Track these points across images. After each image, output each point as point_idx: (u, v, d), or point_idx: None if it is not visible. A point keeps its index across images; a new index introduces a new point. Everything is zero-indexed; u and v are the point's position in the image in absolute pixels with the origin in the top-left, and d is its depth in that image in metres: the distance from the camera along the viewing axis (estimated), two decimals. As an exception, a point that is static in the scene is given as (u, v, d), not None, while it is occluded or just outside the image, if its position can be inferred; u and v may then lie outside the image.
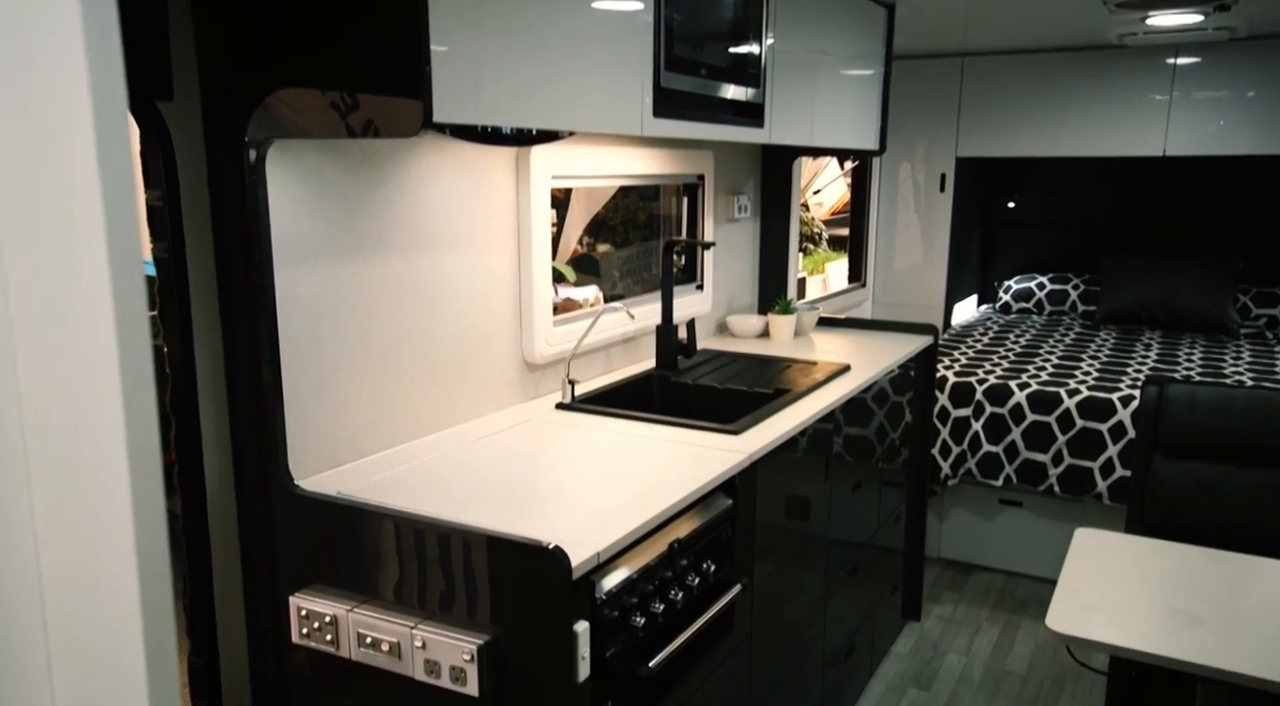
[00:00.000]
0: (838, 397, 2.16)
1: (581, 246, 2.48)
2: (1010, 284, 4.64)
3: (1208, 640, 1.54)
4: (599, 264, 2.52)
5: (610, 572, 1.35)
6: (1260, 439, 2.31)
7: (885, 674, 2.78)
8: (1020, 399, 3.15)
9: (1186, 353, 3.63)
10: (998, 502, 3.38)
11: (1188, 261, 4.16)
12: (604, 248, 2.58)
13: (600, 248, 2.54)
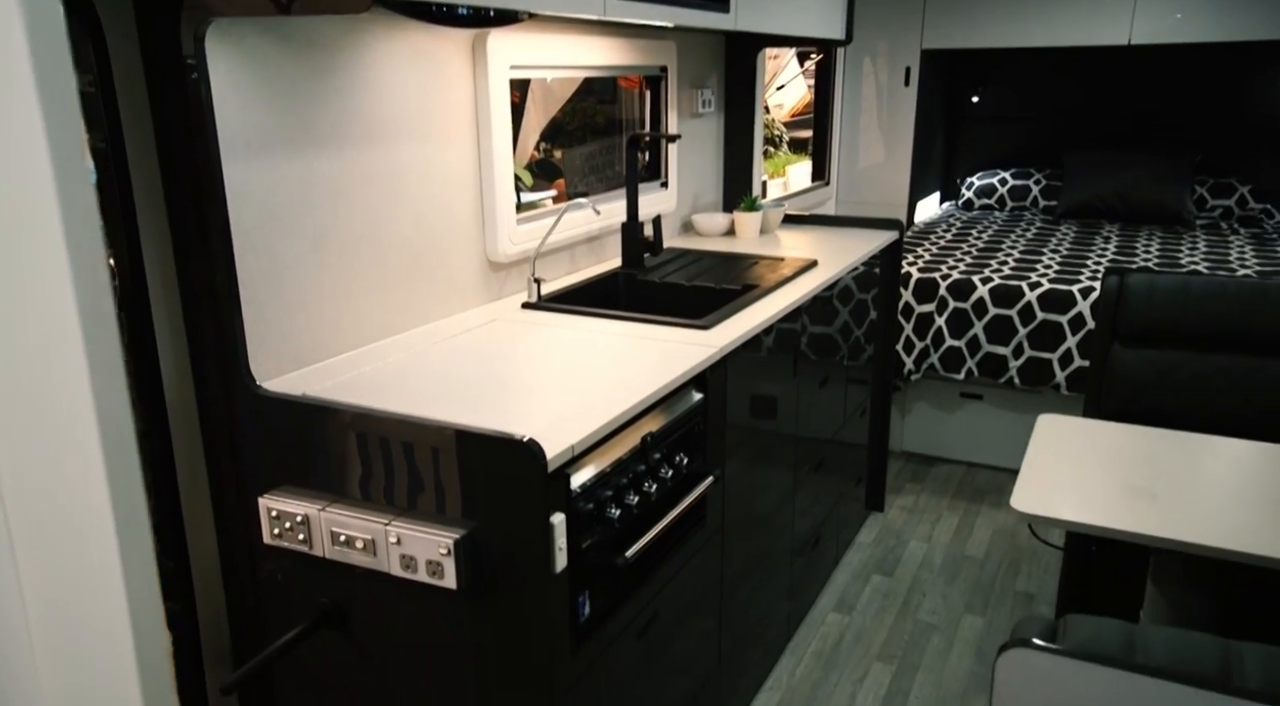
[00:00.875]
0: (806, 292, 2.14)
1: (539, 152, 2.40)
2: (973, 180, 4.63)
3: (1162, 514, 1.58)
4: (560, 169, 2.45)
5: (584, 466, 1.34)
6: (1214, 325, 2.35)
7: (850, 562, 2.86)
8: (983, 293, 3.17)
9: (1144, 245, 3.67)
10: (959, 396, 3.44)
11: (1146, 154, 4.16)
12: (561, 152, 2.51)
13: (558, 153, 2.46)
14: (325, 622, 1.41)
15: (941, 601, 2.65)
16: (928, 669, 2.36)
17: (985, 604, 2.63)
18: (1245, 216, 4.11)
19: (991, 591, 2.70)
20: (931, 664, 2.37)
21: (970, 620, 2.56)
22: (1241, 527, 1.51)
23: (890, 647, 2.44)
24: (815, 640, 2.48)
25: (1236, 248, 3.59)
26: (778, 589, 2.28)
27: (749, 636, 2.13)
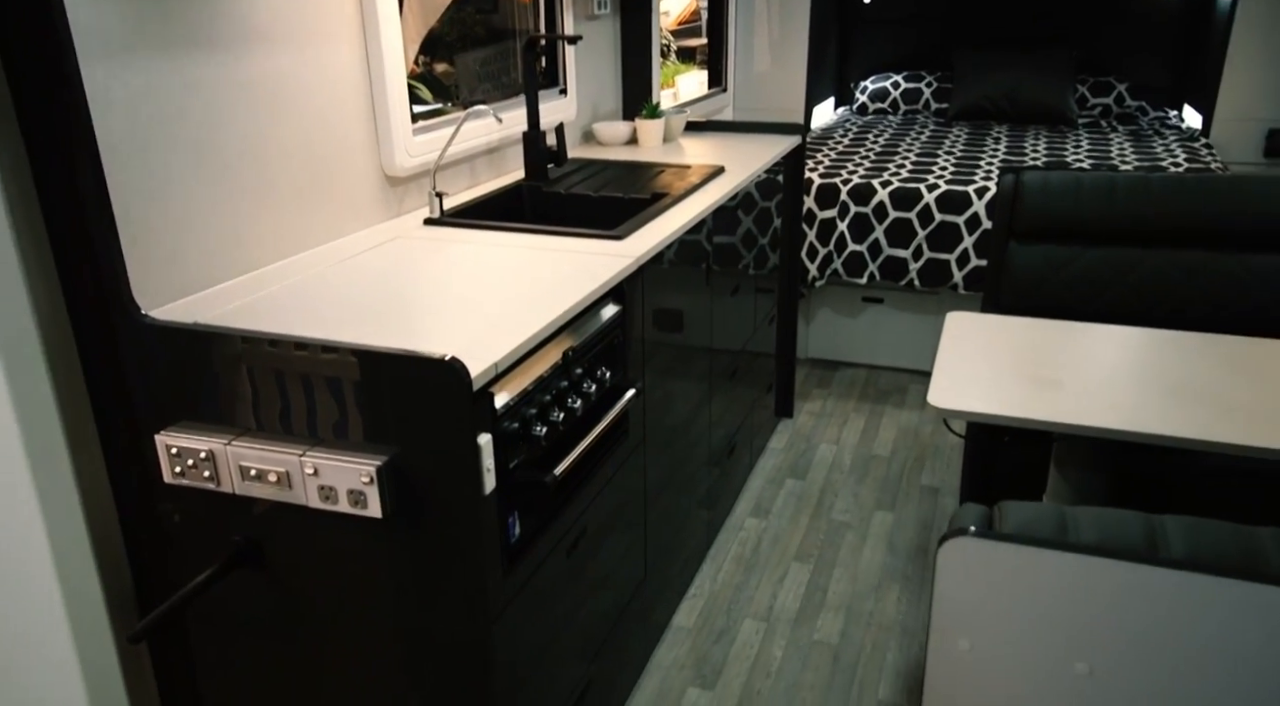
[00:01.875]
0: (716, 199, 2.10)
1: (418, 66, 2.24)
2: (866, 84, 4.64)
3: (1066, 401, 1.63)
4: (443, 84, 2.30)
5: (508, 384, 1.29)
6: (1104, 218, 2.43)
7: (764, 468, 2.91)
8: (883, 197, 3.20)
9: (1032, 144, 3.76)
10: (861, 300, 3.50)
11: (1031, 55, 4.24)
12: (442, 67, 2.35)
13: (438, 66, 2.31)
14: (239, 562, 1.33)
15: (853, 500, 2.73)
16: (843, 564, 2.43)
17: (894, 500, 2.73)
18: (1123, 114, 4.26)
19: (899, 487, 2.79)
20: (846, 560, 2.45)
21: (881, 516, 2.65)
22: (1138, 409, 1.58)
23: (807, 547, 2.51)
24: (734, 545, 2.53)
25: (1116, 144, 3.72)
26: (696, 498, 2.30)
27: (671, 546, 2.14)
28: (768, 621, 2.23)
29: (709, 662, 2.10)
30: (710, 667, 2.08)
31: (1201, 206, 2.35)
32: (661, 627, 2.18)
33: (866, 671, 2.06)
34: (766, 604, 2.29)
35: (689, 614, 2.26)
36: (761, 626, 2.21)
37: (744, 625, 2.21)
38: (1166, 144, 3.71)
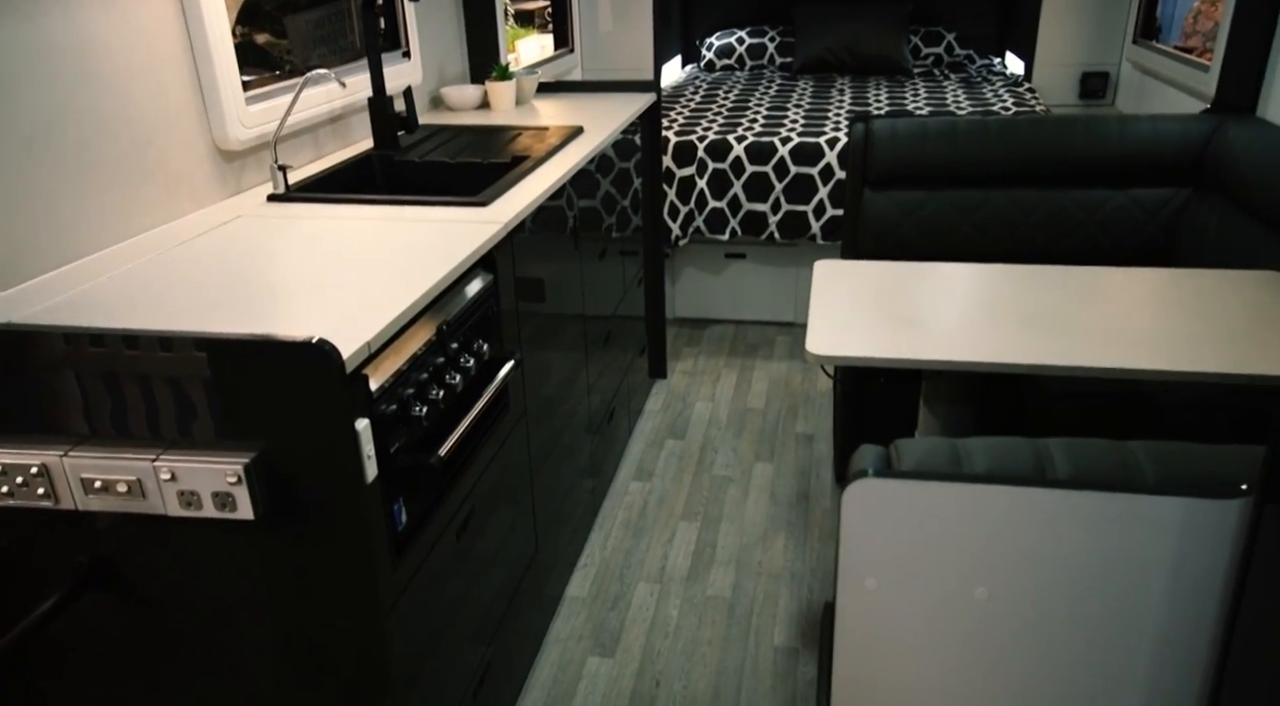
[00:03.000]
0: (580, 159, 2.05)
1: (237, 36, 2.06)
2: (711, 41, 4.65)
3: (932, 339, 1.68)
4: (269, 54, 2.12)
5: (382, 364, 1.20)
6: (949, 162, 2.52)
7: (643, 430, 2.90)
8: (739, 152, 3.21)
9: (874, 94, 3.87)
10: (724, 257, 3.52)
11: (867, 7, 4.35)
12: (264, 37, 2.17)
13: (260, 37, 2.13)
14: (88, 585, 1.20)
15: (733, 454, 2.76)
16: (729, 519, 2.46)
17: (772, 450, 2.78)
18: (953, 63, 4.44)
19: (776, 438, 2.85)
20: (732, 514, 2.48)
21: (761, 467, 2.69)
22: (996, 340, 1.64)
23: (692, 505, 2.52)
24: (621, 510, 2.51)
25: (951, 92, 3.87)
26: (579, 467, 2.26)
27: (559, 518, 2.10)
28: (661, 582, 2.23)
29: (606, 630, 2.08)
30: (608, 635, 2.06)
31: (1033, 147, 2.47)
32: (556, 600, 2.14)
33: (761, 620, 2.09)
34: (658, 565, 2.29)
35: (582, 583, 2.23)
36: (655, 588, 2.21)
37: (638, 589, 2.21)
38: (995, 89, 3.90)
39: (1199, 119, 2.39)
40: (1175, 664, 1.08)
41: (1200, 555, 0.99)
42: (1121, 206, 2.45)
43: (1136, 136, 2.38)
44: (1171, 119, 2.40)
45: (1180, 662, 1.08)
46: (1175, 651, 1.06)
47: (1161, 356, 1.49)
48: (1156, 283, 1.84)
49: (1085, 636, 1.08)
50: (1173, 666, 1.08)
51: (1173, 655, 1.06)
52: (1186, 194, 2.39)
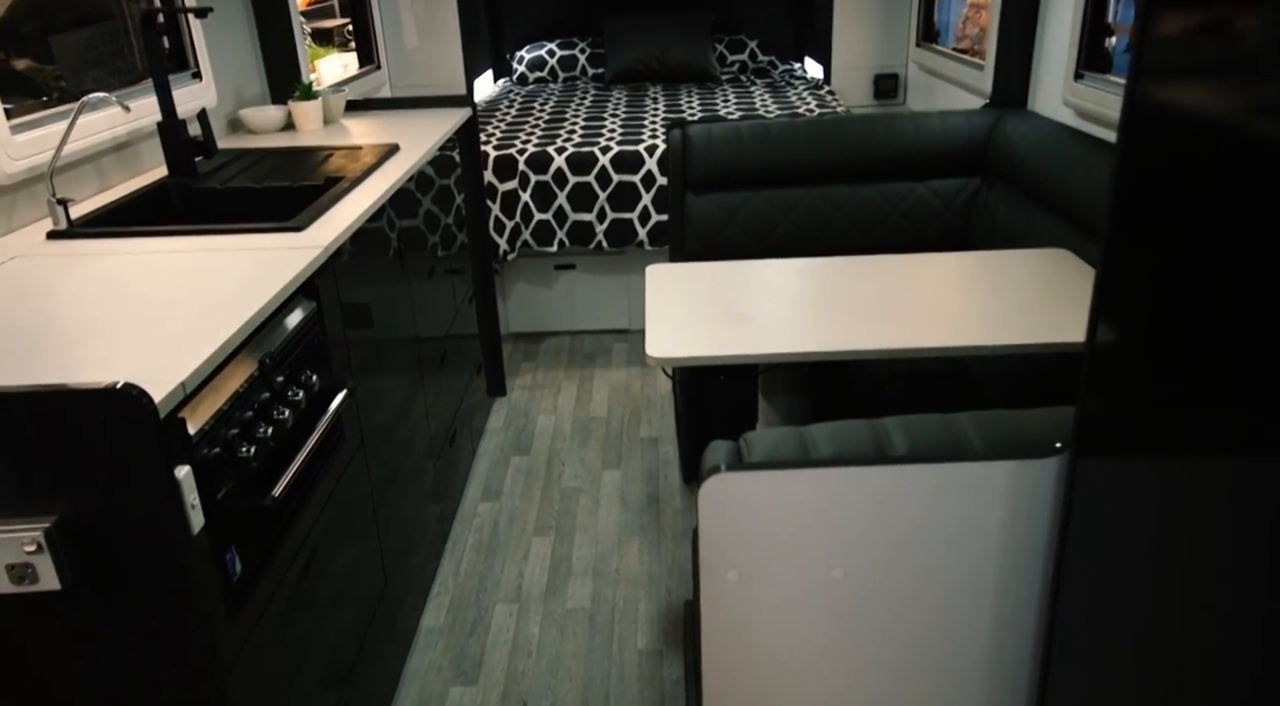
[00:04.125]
0: (398, 178, 1.98)
1: None
2: (522, 54, 4.64)
3: (765, 333, 1.74)
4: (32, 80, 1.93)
5: (200, 406, 1.11)
6: (764, 163, 2.62)
7: (487, 449, 2.85)
8: (560, 163, 3.22)
9: (687, 101, 3.97)
10: (554, 269, 3.52)
11: (673, 17, 4.47)
12: (24, 62, 1.98)
13: (18, 63, 1.93)
14: None
15: (580, 465, 2.75)
16: (582, 530, 2.45)
17: (619, 457, 2.79)
18: (757, 69, 4.63)
19: (621, 444, 2.86)
20: (585, 524, 2.47)
21: (609, 475, 2.70)
22: (824, 331, 1.72)
23: (544, 520, 2.49)
24: (471, 533, 2.45)
25: (758, 96, 4.03)
26: (424, 493, 2.19)
27: (407, 548, 2.03)
28: (519, 601, 2.18)
29: (467, 657, 2.02)
30: (469, 662, 2.00)
31: (839, 145, 2.60)
32: (411, 633, 2.06)
33: (623, 627, 2.09)
34: (514, 585, 2.24)
35: (437, 613, 2.16)
36: (514, 608, 2.16)
37: (496, 611, 2.16)
38: (798, 92, 4.09)
39: (980, 113, 2.59)
40: (1013, 616, 1.16)
41: (1027, 511, 1.07)
42: (921, 197, 2.62)
43: (929, 132, 2.55)
44: (957, 114, 2.59)
45: (1017, 614, 1.16)
46: (1012, 604, 1.14)
47: (970, 333, 1.60)
48: (958, 265, 1.98)
49: (934, 601, 1.14)
50: (1011, 618, 1.15)
51: (1011, 608, 1.14)
52: (976, 182, 2.59)
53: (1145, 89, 0.84)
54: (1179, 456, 0.80)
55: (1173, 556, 0.81)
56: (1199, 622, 0.77)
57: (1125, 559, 0.89)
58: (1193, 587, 0.78)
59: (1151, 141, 0.84)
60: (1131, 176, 0.87)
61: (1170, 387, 0.81)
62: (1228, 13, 0.75)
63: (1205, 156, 0.77)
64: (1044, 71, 2.53)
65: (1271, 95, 0.66)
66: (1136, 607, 0.88)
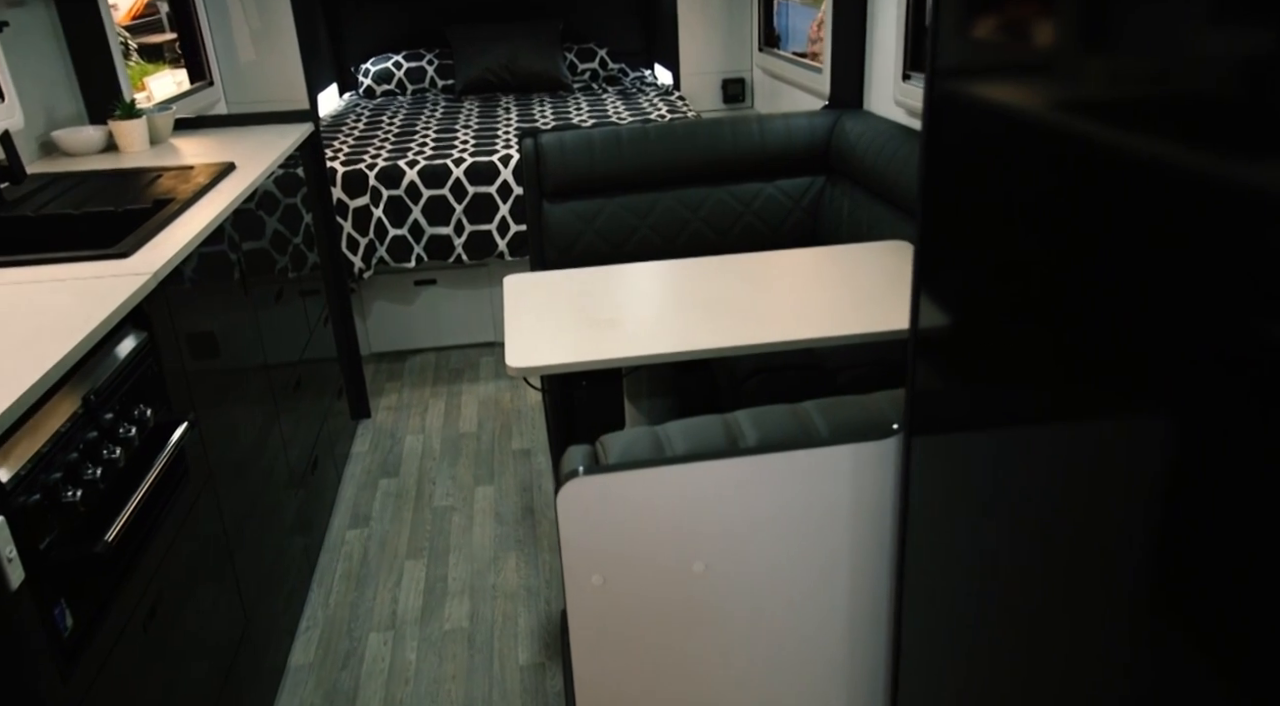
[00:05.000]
0: (235, 198, 1.89)
1: None
2: (368, 67, 4.52)
3: (626, 337, 1.75)
4: None
5: (15, 449, 1.03)
6: (618, 169, 2.64)
7: (353, 475, 2.76)
8: (413, 177, 3.15)
9: (540, 110, 3.96)
10: (413, 285, 3.44)
11: (519, 26, 4.45)
12: None
13: None
14: None
15: (451, 483, 2.70)
16: (457, 548, 2.40)
17: (491, 472, 2.75)
18: (608, 76, 4.66)
19: (493, 458, 2.82)
20: (459, 543, 2.42)
21: (482, 490, 2.65)
22: (684, 330, 1.74)
23: (417, 542, 2.43)
24: (340, 562, 2.36)
25: (610, 103, 4.06)
26: (287, 525, 2.10)
27: (270, 584, 1.93)
28: (394, 628, 2.12)
29: (340, 692, 1.94)
30: (343, 696, 1.93)
31: (690, 149, 2.65)
32: (279, 672, 1.97)
33: (503, 643, 2.06)
34: (388, 611, 2.17)
35: (306, 649, 2.07)
36: (388, 636, 2.10)
37: (369, 640, 2.08)
38: (649, 99, 4.14)
39: (820, 115, 2.69)
40: (868, 590, 1.20)
41: (872, 490, 1.11)
42: (771, 196, 2.70)
43: (774, 134, 2.63)
44: (799, 116, 2.68)
45: (871, 588, 1.20)
46: (866, 579, 1.18)
47: (822, 325, 1.66)
48: (808, 261, 2.05)
49: (793, 584, 1.17)
50: (867, 593, 1.20)
51: (866, 583, 1.18)
52: (821, 181, 2.68)
53: (940, 87, 0.89)
54: (986, 431, 0.85)
55: (993, 524, 0.86)
56: (1021, 586, 0.81)
57: (955, 529, 0.94)
58: (1012, 552, 0.83)
59: (952, 137, 0.89)
60: (936, 170, 0.92)
61: (978, 366, 0.85)
62: (1005, 18, 0.80)
63: (996, 148, 0.82)
64: (876, 73, 2.65)
65: (1050, 91, 0.71)
66: (969, 575, 0.93)
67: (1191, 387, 0.56)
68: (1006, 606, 0.83)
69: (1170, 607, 0.59)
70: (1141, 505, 0.61)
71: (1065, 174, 0.70)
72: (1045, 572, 0.75)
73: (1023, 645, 0.80)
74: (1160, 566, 0.60)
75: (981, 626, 0.89)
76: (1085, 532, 0.69)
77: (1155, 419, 0.59)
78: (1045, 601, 0.75)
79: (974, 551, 0.89)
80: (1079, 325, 0.68)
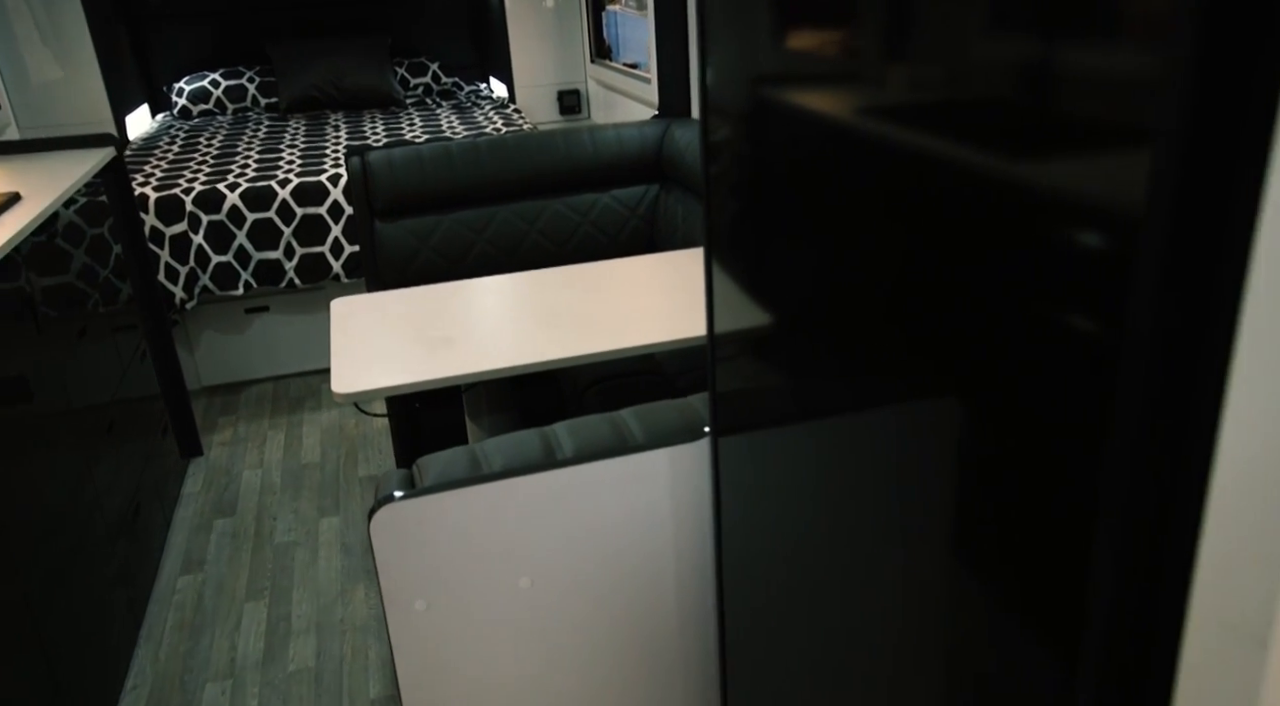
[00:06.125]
0: (18, 231, 1.74)
1: None
2: (182, 86, 4.28)
3: (462, 354, 1.72)
4: None
5: None
6: (451, 184, 2.60)
7: (185, 517, 2.59)
8: (235, 201, 3.00)
9: (371, 127, 3.86)
10: (244, 313, 3.27)
11: (346, 42, 4.33)
12: None
13: None
14: None
15: (294, 517, 2.58)
16: (301, 585, 2.29)
17: (336, 502, 2.64)
18: (442, 91, 4.59)
19: (339, 488, 2.71)
20: (303, 579, 2.31)
21: (327, 522, 2.55)
22: (523, 344, 1.73)
23: (257, 583, 2.31)
24: (171, 612, 2.21)
25: (445, 118, 4.00)
26: (108, 579, 1.95)
27: (87, 644, 1.79)
28: (233, 676, 2.00)
29: (178, 752, 1.82)
30: (181, 757, 1.81)
31: (524, 161, 2.64)
32: (106, 741, 1.82)
33: (353, 679, 1.98)
34: (226, 659, 2.05)
35: (137, 710, 1.92)
36: (227, 684, 1.98)
37: (206, 692, 1.96)
38: (485, 112, 4.11)
39: (651, 124, 2.73)
40: (694, 589, 1.22)
41: (689, 492, 1.12)
42: (608, 206, 2.72)
43: (606, 144, 2.65)
44: (631, 126, 2.71)
45: (698, 588, 1.22)
46: (691, 579, 1.20)
47: (660, 331, 1.67)
48: (645, 268, 2.07)
49: (622, 591, 1.18)
50: (694, 593, 1.21)
51: (692, 583, 1.20)
52: (656, 188, 2.72)
53: (711, 96, 0.91)
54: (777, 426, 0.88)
55: (784, 515, 0.89)
56: (824, 569, 0.84)
57: (760, 521, 0.97)
58: (812, 538, 0.86)
59: (717, 141, 0.92)
60: (714, 179, 0.94)
61: (766, 366, 0.88)
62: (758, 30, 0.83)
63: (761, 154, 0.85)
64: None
65: (802, 91, 0.74)
66: (776, 567, 0.95)
67: (957, 373, 0.59)
68: (814, 588, 0.85)
69: (964, 581, 0.62)
70: (919, 482, 0.64)
71: (819, 171, 0.72)
72: (844, 554, 0.77)
73: (834, 626, 0.82)
74: (950, 543, 0.63)
75: (792, 611, 0.91)
76: (873, 512, 0.72)
77: (926, 401, 0.62)
78: (846, 580, 0.77)
79: (777, 540, 0.91)
80: (853, 319, 0.71)
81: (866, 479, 0.71)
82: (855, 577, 0.75)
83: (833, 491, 0.77)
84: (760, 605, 0.99)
